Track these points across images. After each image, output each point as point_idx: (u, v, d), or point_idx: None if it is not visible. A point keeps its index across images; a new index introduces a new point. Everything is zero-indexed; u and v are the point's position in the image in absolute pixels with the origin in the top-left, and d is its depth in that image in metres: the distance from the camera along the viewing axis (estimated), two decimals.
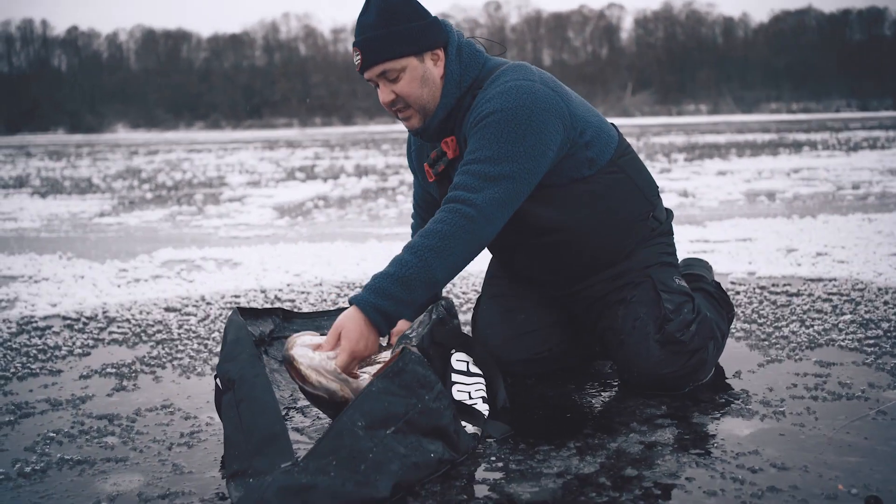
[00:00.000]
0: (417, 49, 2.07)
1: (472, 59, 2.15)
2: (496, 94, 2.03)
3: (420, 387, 1.71)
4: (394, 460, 1.59)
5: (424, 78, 2.09)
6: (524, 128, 1.98)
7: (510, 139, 1.97)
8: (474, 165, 1.98)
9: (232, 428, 1.67)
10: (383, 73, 2.08)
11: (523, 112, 1.98)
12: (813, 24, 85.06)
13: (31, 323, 3.26)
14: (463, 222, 1.92)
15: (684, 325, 2.15)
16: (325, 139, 34.40)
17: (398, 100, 2.11)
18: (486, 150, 1.98)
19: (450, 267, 1.93)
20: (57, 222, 7.46)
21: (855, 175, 9.88)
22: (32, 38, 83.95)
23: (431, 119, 2.14)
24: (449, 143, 2.16)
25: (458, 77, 2.13)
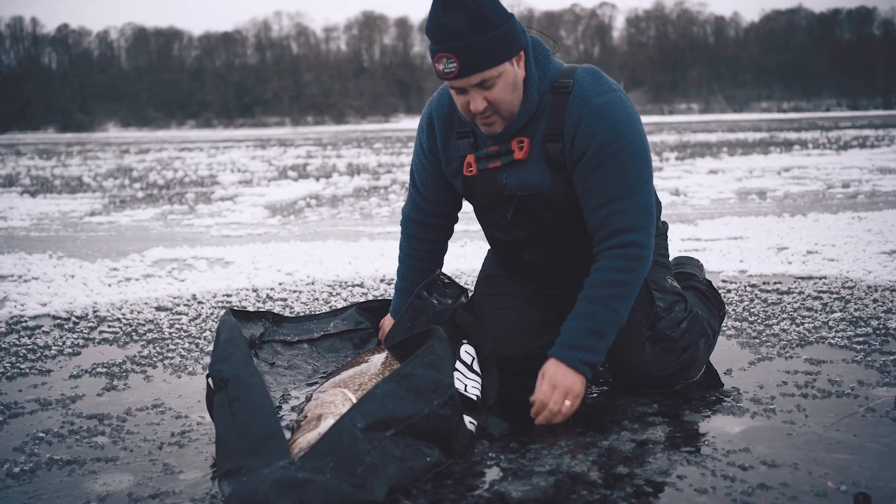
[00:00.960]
0: (511, 54, 1.99)
1: (546, 60, 2.11)
2: (600, 112, 2.02)
3: (430, 392, 1.70)
4: (390, 464, 1.59)
5: (515, 83, 2.03)
6: (642, 150, 2.06)
7: (639, 164, 2.04)
8: (626, 202, 2.04)
9: (225, 427, 1.67)
10: (482, 83, 1.97)
11: (635, 132, 2.05)
12: (803, 23, 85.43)
13: (21, 322, 3.25)
14: (638, 264, 2.05)
15: (675, 323, 2.16)
16: (318, 138, 34.35)
17: (489, 107, 2.01)
18: (627, 183, 2.03)
19: (629, 305, 2.07)
20: (47, 221, 7.43)
21: (845, 174, 9.93)
22: (22, 35, 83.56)
23: (513, 123, 2.09)
24: (523, 145, 2.10)
25: (538, 80, 2.08)
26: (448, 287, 2.27)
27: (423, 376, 1.70)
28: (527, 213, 2.17)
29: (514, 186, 2.15)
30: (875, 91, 74.19)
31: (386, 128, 54.54)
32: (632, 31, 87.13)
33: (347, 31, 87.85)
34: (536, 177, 2.12)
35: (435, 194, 2.36)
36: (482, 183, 2.21)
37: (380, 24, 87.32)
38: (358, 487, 1.52)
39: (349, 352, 2.36)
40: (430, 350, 1.76)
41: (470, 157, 2.17)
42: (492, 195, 2.20)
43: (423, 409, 1.67)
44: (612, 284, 2.03)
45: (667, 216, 6.22)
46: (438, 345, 1.78)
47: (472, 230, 5.86)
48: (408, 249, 2.45)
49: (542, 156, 2.10)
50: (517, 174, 2.14)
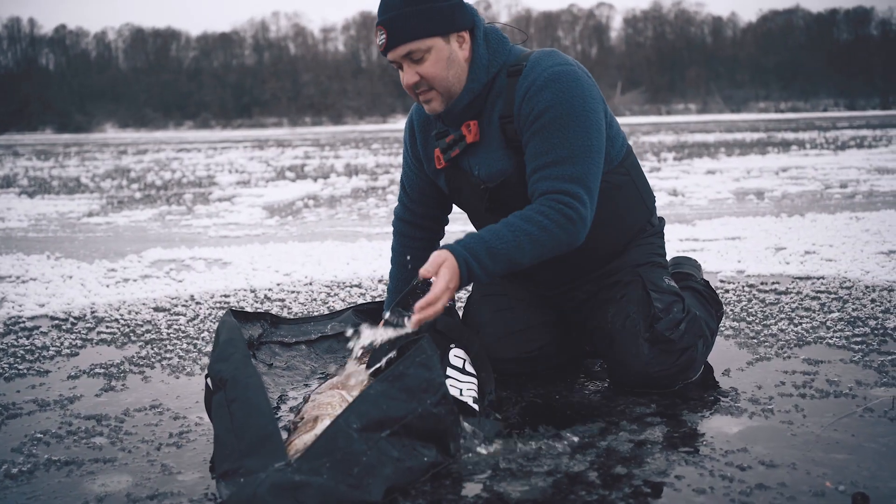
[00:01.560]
0: (444, 29, 2.03)
1: (500, 45, 2.13)
2: (544, 83, 2.02)
3: (423, 391, 1.70)
4: (387, 464, 1.59)
5: (450, 59, 2.05)
6: (585, 122, 2.01)
7: (579, 132, 2.00)
8: (560, 168, 1.99)
9: (223, 428, 1.67)
10: (408, 54, 2.03)
11: (579, 103, 2.01)
12: (801, 23, 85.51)
13: (19, 323, 3.24)
14: (566, 224, 1.98)
15: (674, 324, 2.16)
16: (315, 138, 34.34)
17: (422, 82, 2.06)
18: (561, 148, 2.00)
19: (536, 257, 1.99)
20: (45, 222, 7.42)
21: (843, 174, 9.94)
22: (20, 36, 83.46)
23: (456, 102, 2.11)
24: (471, 127, 2.13)
25: (487, 62, 2.10)
26: None
27: (414, 375, 1.71)
28: (502, 205, 2.18)
29: (484, 177, 2.17)
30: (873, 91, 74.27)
31: (384, 128, 54.53)
32: (629, 31, 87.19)
33: (345, 31, 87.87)
34: (500, 163, 2.14)
35: (421, 196, 2.41)
36: (459, 176, 2.23)
37: None
38: (355, 488, 1.52)
39: (347, 353, 2.36)
40: (420, 349, 1.77)
41: (437, 151, 2.22)
42: (469, 190, 2.23)
43: (416, 409, 1.67)
44: (532, 222, 1.96)
45: (664, 216, 6.21)
46: (427, 345, 1.79)
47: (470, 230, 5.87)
48: (399, 248, 2.47)
49: (503, 140, 2.13)
50: (482, 162, 2.16)
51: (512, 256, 1.96)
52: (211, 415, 1.82)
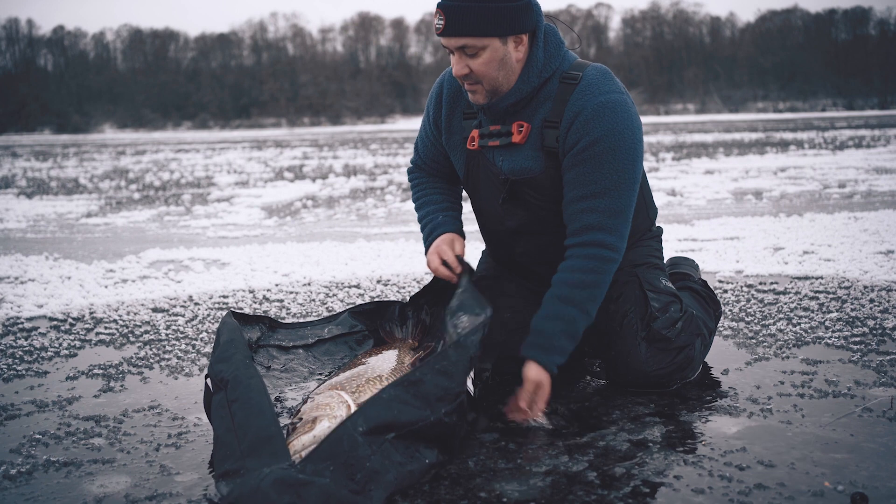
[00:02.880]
0: (504, 31, 2.01)
1: (557, 50, 2.13)
2: (599, 111, 2.03)
3: (438, 400, 1.69)
4: (390, 469, 1.58)
5: (503, 61, 2.05)
6: (633, 154, 2.05)
7: (624, 168, 2.04)
8: (601, 200, 2.04)
9: (223, 428, 1.66)
10: (463, 47, 2.02)
11: (629, 136, 2.05)
12: (799, 23, 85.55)
13: (17, 324, 3.24)
14: (609, 267, 2.05)
15: (670, 323, 2.16)
16: (314, 139, 34.34)
17: (471, 75, 2.06)
18: (605, 181, 2.03)
19: (598, 302, 2.07)
20: (43, 223, 7.41)
21: (841, 174, 9.94)
22: (18, 37, 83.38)
23: (501, 100, 2.11)
24: (523, 129, 2.13)
25: (542, 66, 2.10)
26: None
27: (432, 383, 1.70)
28: (519, 200, 2.19)
29: (507, 170, 2.17)
30: (871, 91, 74.32)
31: (382, 129, 54.53)
32: (628, 31, 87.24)
33: (343, 32, 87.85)
34: (529, 162, 2.14)
35: (434, 162, 2.43)
36: (481, 162, 2.24)
37: (376, 25, 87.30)
38: (357, 493, 1.52)
39: (345, 354, 2.36)
40: (443, 356, 1.76)
41: (474, 132, 2.21)
42: (487, 177, 2.23)
43: (429, 417, 1.66)
44: (583, 286, 2.04)
45: (663, 216, 6.22)
46: (454, 351, 1.78)
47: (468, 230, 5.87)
48: (423, 188, 2.45)
49: (539, 142, 2.13)
50: (512, 157, 2.17)
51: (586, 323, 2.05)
52: (210, 415, 1.82)
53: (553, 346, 2.02)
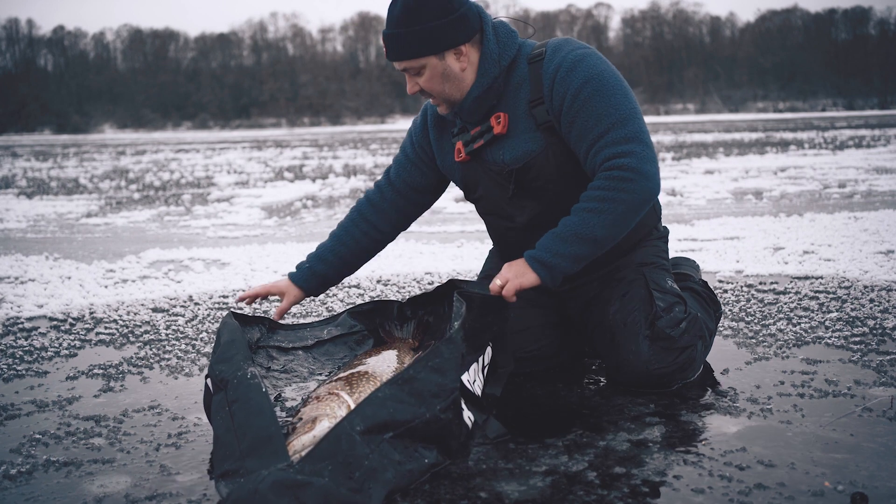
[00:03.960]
0: (436, 49, 2.10)
1: (509, 38, 2.19)
2: (573, 62, 2.09)
3: (433, 396, 1.69)
4: (388, 468, 1.58)
5: (445, 75, 2.13)
6: (618, 85, 2.09)
7: (618, 98, 2.07)
8: (608, 136, 2.05)
9: (223, 429, 1.66)
10: (406, 69, 2.14)
11: (608, 73, 2.10)
12: (799, 23, 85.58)
13: (18, 324, 3.24)
14: (624, 185, 2.02)
15: (674, 322, 2.16)
16: (314, 139, 34.33)
17: (423, 91, 2.16)
18: (606, 117, 2.06)
19: (610, 224, 2.04)
20: (43, 223, 7.41)
21: (841, 174, 9.94)
22: (18, 37, 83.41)
23: (465, 100, 2.18)
24: (500, 119, 2.18)
25: (497, 56, 2.16)
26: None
27: (426, 380, 1.70)
28: (526, 190, 2.21)
29: (508, 161, 2.20)
30: (871, 91, 74.32)
31: (382, 129, 54.53)
32: (627, 31, 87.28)
33: (343, 31, 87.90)
34: (528, 145, 2.18)
35: (404, 186, 2.44)
36: (480, 167, 2.26)
37: (376, 25, 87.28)
38: (356, 492, 1.52)
39: (345, 355, 2.36)
40: (435, 353, 1.76)
41: (459, 144, 2.26)
42: (490, 178, 2.24)
43: (424, 414, 1.66)
44: (590, 199, 2.06)
45: (663, 216, 6.21)
46: (445, 348, 1.78)
47: (468, 231, 5.87)
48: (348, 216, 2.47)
49: (532, 123, 2.17)
50: (508, 147, 2.20)
51: (581, 233, 2.04)
52: (210, 416, 1.82)
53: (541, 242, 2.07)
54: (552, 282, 2.07)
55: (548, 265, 2.05)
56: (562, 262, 2.05)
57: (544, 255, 2.05)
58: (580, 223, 2.04)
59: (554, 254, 2.05)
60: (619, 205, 2.03)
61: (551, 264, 2.05)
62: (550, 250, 2.05)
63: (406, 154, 2.43)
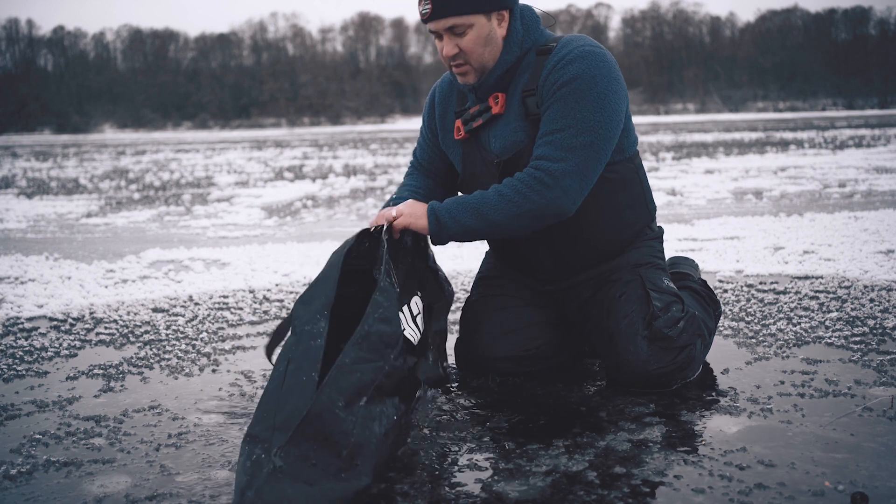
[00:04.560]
0: (488, 7, 2.11)
1: (534, 23, 2.22)
2: (573, 58, 2.09)
3: (385, 346, 1.71)
4: (371, 439, 1.60)
5: (489, 37, 2.13)
6: (602, 97, 2.07)
7: (590, 108, 2.06)
8: (557, 135, 2.06)
9: (273, 385, 1.61)
10: (451, 28, 2.11)
11: (601, 79, 2.07)
12: (799, 23, 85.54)
13: (18, 324, 3.24)
14: (539, 187, 2.05)
15: (672, 322, 2.16)
16: (314, 139, 34.33)
17: (460, 54, 2.14)
18: (568, 118, 2.06)
19: (507, 215, 2.06)
20: (43, 223, 7.41)
21: (841, 173, 9.94)
22: (18, 37, 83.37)
23: (488, 76, 2.18)
24: (498, 99, 2.20)
25: (521, 37, 2.18)
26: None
27: (379, 332, 1.72)
28: None
29: (497, 150, 2.21)
30: (871, 91, 74.28)
31: (382, 129, 54.53)
32: (627, 31, 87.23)
33: (343, 32, 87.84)
34: (516, 135, 2.19)
35: (430, 164, 2.48)
36: (475, 151, 2.28)
37: (375, 25, 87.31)
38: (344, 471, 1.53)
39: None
40: (377, 305, 1.76)
41: (458, 122, 2.28)
42: (483, 166, 2.26)
43: (383, 367, 1.68)
44: (505, 184, 2.08)
45: (663, 216, 6.22)
46: (383, 297, 1.78)
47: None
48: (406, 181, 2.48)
49: (522, 112, 2.18)
50: (499, 133, 2.21)
51: (481, 209, 2.07)
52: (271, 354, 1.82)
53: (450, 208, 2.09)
54: (437, 238, 2.12)
55: (441, 223, 2.09)
56: (454, 227, 2.09)
57: (442, 213, 2.09)
58: (487, 202, 2.07)
59: (452, 217, 2.09)
60: (527, 203, 2.06)
61: (444, 223, 2.09)
62: (451, 212, 2.09)
63: (423, 135, 2.49)
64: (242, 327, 3.14)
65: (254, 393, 2.32)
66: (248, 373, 2.52)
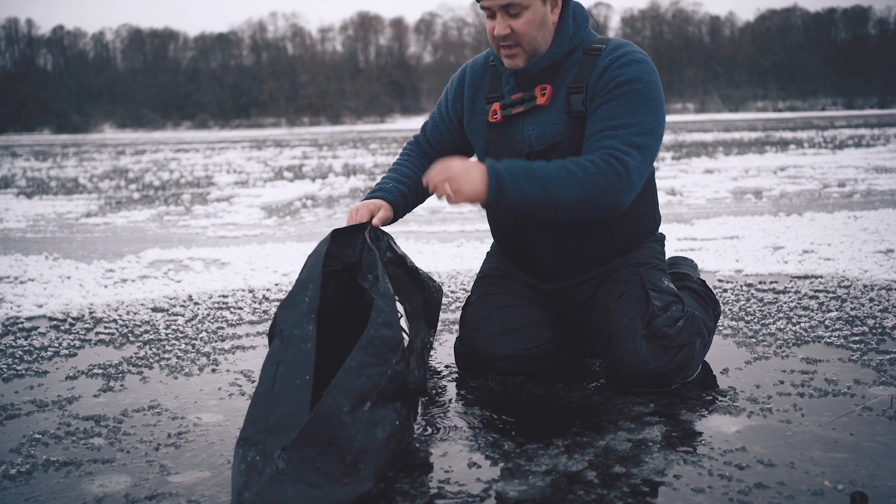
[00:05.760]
0: None
1: (584, 22, 2.24)
2: (630, 61, 2.12)
3: (389, 351, 1.71)
4: (374, 444, 1.60)
5: (543, 21, 2.14)
6: (659, 104, 2.12)
7: (651, 112, 2.09)
8: (621, 131, 2.06)
9: (263, 388, 1.62)
10: (507, 7, 2.10)
11: (657, 88, 2.13)
12: (798, 22, 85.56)
13: (17, 324, 3.24)
14: (611, 176, 2.01)
15: (672, 321, 2.16)
16: (314, 138, 34.33)
17: (511, 35, 2.13)
18: (630, 117, 2.07)
19: (571, 196, 1.99)
20: (43, 223, 7.41)
21: (841, 173, 9.94)
22: (17, 37, 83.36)
23: (537, 62, 2.18)
24: (546, 91, 2.19)
25: (571, 32, 2.19)
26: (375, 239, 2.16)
27: (383, 337, 1.72)
28: None
29: (534, 139, 2.20)
30: (871, 90, 74.29)
31: (382, 128, 54.52)
32: (627, 30, 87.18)
33: (343, 31, 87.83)
34: (556, 127, 2.19)
35: (438, 144, 2.46)
36: (503, 140, 2.26)
37: (375, 25, 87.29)
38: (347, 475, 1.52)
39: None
40: (379, 309, 1.76)
41: (496, 105, 2.26)
42: (505, 152, 2.25)
43: (386, 372, 1.68)
44: (577, 164, 2.01)
45: (663, 216, 6.21)
46: (384, 302, 1.79)
47: (468, 230, 5.86)
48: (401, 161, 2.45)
49: (565, 107, 2.18)
50: (538, 123, 2.21)
51: (549, 184, 1.97)
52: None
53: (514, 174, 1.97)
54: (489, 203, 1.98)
55: (503, 188, 1.96)
56: (516, 195, 1.97)
57: (506, 179, 1.96)
58: (556, 178, 1.97)
59: (517, 185, 1.96)
60: (596, 188, 2.00)
61: (506, 189, 1.96)
62: (516, 179, 1.96)
63: (440, 112, 2.45)
64: (242, 327, 3.14)
65: (253, 392, 2.32)
66: (248, 372, 2.52)
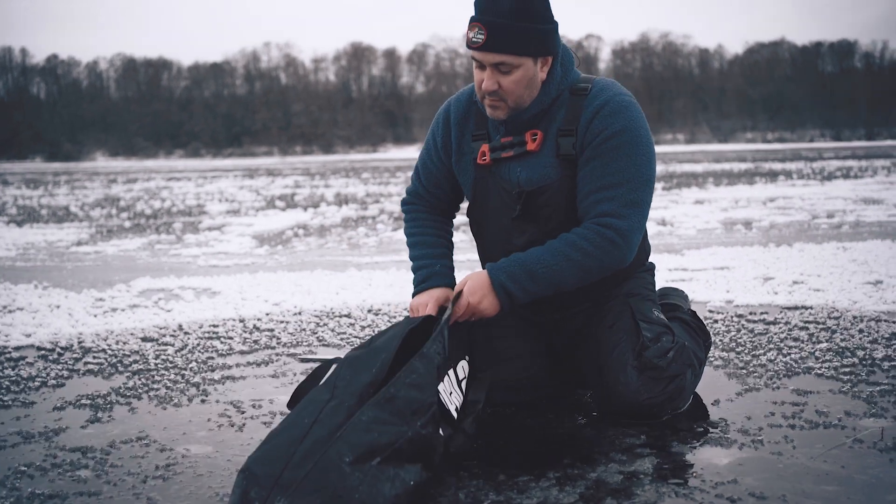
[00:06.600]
0: (539, 52, 2.12)
1: (570, 65, 2.24)
2: (617, 108, 2.14)
3: (413, 413, 1.68)
4: (378, 498, 1.57)
5: (531, 80, 2.14)
6: (649, 152, 2.16)
7: (643, 162, 2.13)
8: (617, 190, 2.10)
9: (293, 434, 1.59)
10: (499, 64, 2.10)
11: (646, 135, 2.16)
12: (786, 55, 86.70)
13: (4, 353, 3.21)
14: (609, 247, 2.10)
15: (662, 352, 2.16)
16: (306, 168, 34.40)
17: (498, 92, 2.13)
18: (625, 173, 2.11)
19: (580, 280, 2.13)
20: (33, 251, 7.38)
21: (829, 204, 10.02)
22: (11, 66, 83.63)
23: (521, 113, 2.19)
24: (537, 137, 2.20)
25: (559, 79, 2.20)
26: None
27: (405, 398, 1.69)
28: (531, 215, 2.22)
29: (524, 181, 2.21)
30: (857, 122, 75.14)
31: (374, 158, 54.73)
32: (617, 62, 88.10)
33: (336, 61, 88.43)
34: (546, 170, 2.20)
35: (436, 188, 2.45)
36: (492, 180, 2.26)
37: (368, 55, 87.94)
38: None
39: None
40: (411, 369, 1.75)
41: (484, 147, 2.26)
42: (498, 194, 2.26)
43: (406, 433, 1.66)
44: (574, 247, 2.09)
45: (653, 246, 6.25)
46: (420, 363, 1.78)
47: (459, 259, 5.87)
48: (419, 224, 2.46)
49: (554, 150, 2.20)
50: (528, 166, 2.22)
51: (553, 279, 2.10)
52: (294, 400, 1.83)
53: (509, 268, 2.11)
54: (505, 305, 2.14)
55: (512, 297, 2.12)
56: (524, 297, 2.13)
57: (512, 287, 2.11)
58: (558, 271, 2.10)
59: (523, 289, 2.12)
60: (597, 263, 2.11)
61: (515, 297, 2.12)
62: (520, 284, 2.11)
63: (430, 157, 2.42)
64: (232, 357, 3.13)
65: (243, 423, 2.30)
66: (238, 403, 2.51)
